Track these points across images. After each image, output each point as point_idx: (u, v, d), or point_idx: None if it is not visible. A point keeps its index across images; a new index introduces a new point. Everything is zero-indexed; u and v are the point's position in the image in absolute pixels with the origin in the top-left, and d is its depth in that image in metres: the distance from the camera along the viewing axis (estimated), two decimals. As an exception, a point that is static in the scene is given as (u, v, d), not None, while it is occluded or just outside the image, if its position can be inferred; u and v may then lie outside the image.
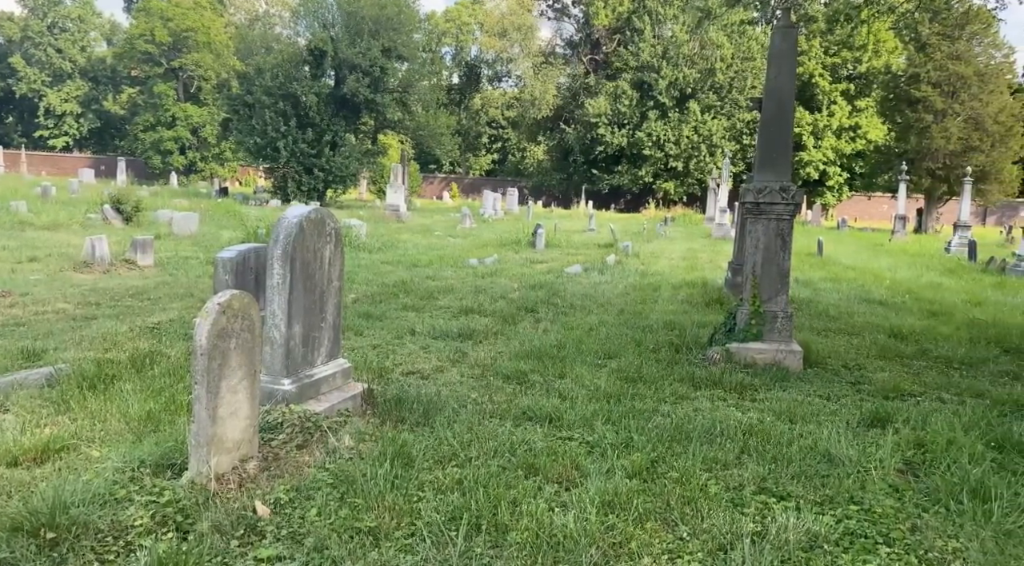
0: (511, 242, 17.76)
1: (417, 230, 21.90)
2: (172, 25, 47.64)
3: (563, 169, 51.31)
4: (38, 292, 8.42)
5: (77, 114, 60.98)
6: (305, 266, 4.23)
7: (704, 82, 46.09)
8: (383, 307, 8.49)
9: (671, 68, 45.99)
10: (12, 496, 3.20)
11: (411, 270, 12.48)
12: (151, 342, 6.23)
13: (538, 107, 50.61)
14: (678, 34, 45.66)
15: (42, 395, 4.74)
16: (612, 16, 48.99)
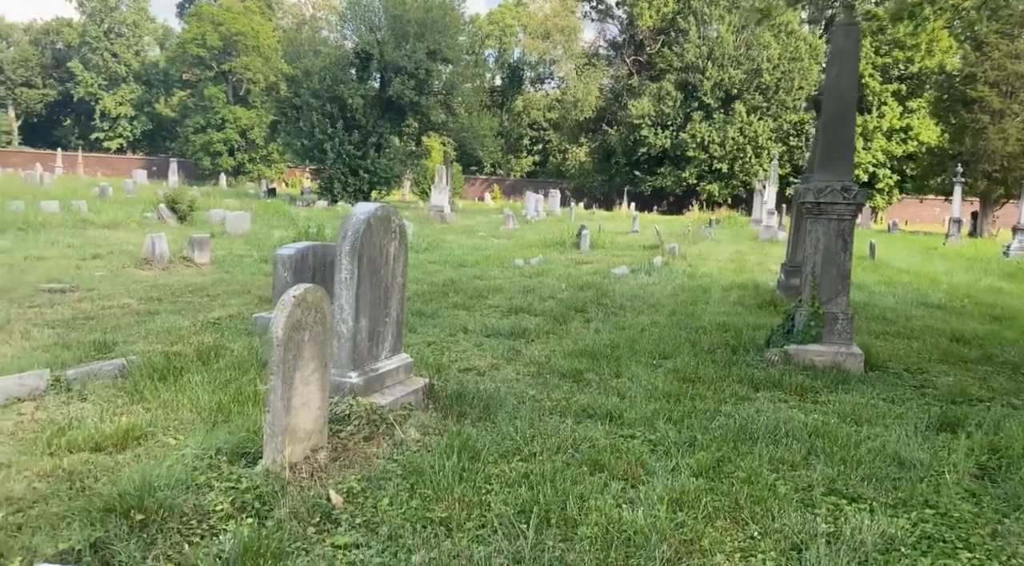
0: (555, 243, 17.77)
1: (461, 231, 22.04)
2: (223, 29, 48.73)
3: (605, 171, 51.09)
4: (103, 288, 8.70)
5: (131, 117, 62.73)
6: (371, 262, 4.30)
7: (750, 83, 45.45)
8: (434, 305, 8.58)
9: (716, 69, 45.48)
10: (99, 479, 3.33)
11: (458, 270, 12.58)
12: (214, 336, 6.39)
13: (580, 108, 50.49)
14: (724, 34, 45.13)
15: (116, 385, 4.90)
16: (656, 17, 48.64)
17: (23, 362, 5.32)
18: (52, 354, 5.57)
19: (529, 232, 22.52)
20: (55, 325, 6.65)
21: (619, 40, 54.15)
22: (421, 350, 6.24)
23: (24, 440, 3.90)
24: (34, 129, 66.26)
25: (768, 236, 22.40)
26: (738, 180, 46.55)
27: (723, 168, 45.84)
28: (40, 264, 10.40)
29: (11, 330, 6.30)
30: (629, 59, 52.07)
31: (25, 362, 5.31)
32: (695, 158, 45.84)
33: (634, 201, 45.81)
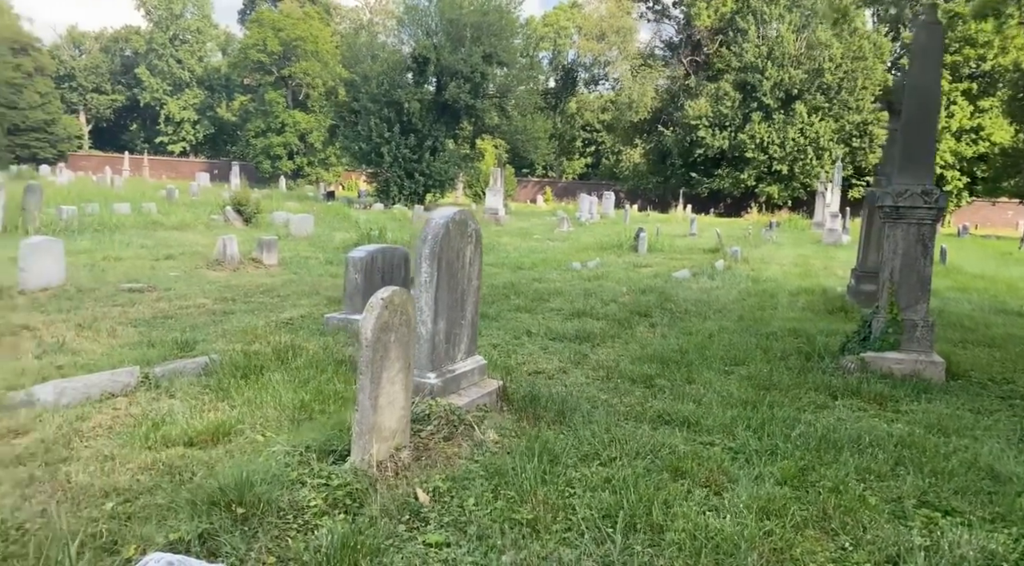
0: (612, 246, 17.67)
1: (516, 233, 22.10)
2: (283, 35, 49.86)
3: (660, 172, 50.58)
4: (179, 288, 9.01)
5: (194, 121, 64.69)
6: (449, 265, 4.37)
7: (811, 83, 44.42)
8: (496, 308, 8.63)
9: (776, 68, 44.59)
10: (196, 473, 3.46)
11: (516, 272, 12.63)
12: (289, 336, 6.56)
13: (635, 110, 50.08)
14: (784, 34, 44.23)
15: (200, 382, 5.09)
16: (715, 16, 47.96)
17: (113, 359, 5.56)
18: (139, 352, 5.80)
19: (584, 235, 22.46)
20: (137, 323, 6.92)
21: (675, 40, 53.56)
22: (488, 352, 6.29)
23: (121, 434, 4.08)
24: (103, 133, 68.93)
25: (832, 240, 21.86)
26: (798, 182, 45.55)
27: (783, 170, 44.91)
28: (118, 264, 10.84)
29: (98, 328, 6.58)
30: (686, 59, 51.46)
31: (115, 359, 5.54)
32: (754, 159, 45.02)
33: (690, 203, 45.23)
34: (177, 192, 27.37)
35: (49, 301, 7.49)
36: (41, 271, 7.62)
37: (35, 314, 6.85)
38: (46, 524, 2.90)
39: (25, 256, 7.50)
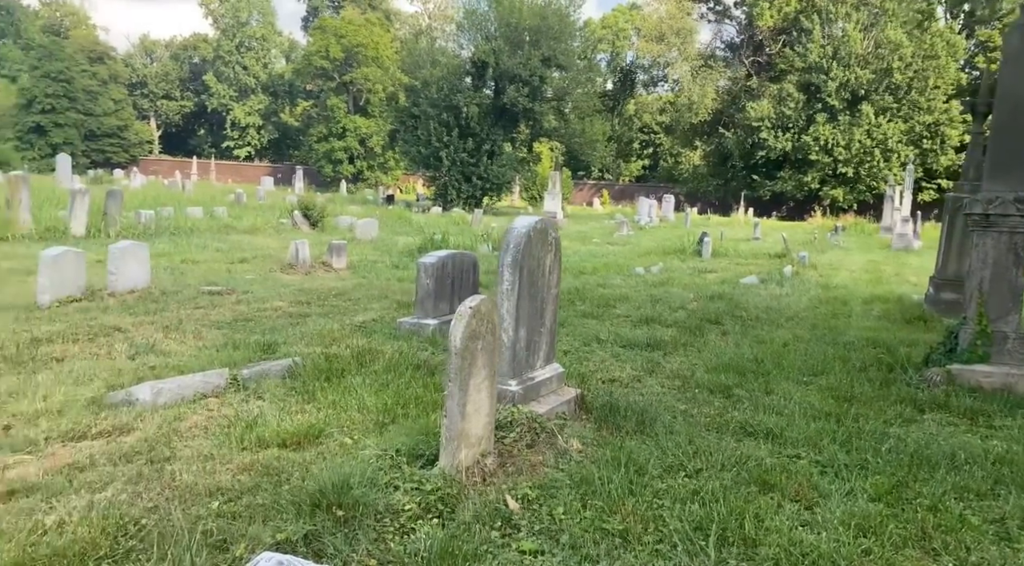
0: (675, 250, 17.49)
1: (575, 237, 22.06)
2: (345, 41, 50.88)
3: (720, 175, 49.81)
4: (256, 291, 9.30)
5: (258, 126, 66.55)
6: (530, 273, 4.42)
7: (879, 83, 43.11)
8: (563, 314, 8.63)
9: (842, 69, 43.42)
10: (292, 475, 3.58)
11: (579, 277, 12.62)
12: (364, 340, 6.71)
13: (695, 111, 49.46)
14: (850, 33, 43.04)
15: (285, 384, 5.25)
16: (778, 16, 47.00)
17: (201, 361, 5.78)
18: (224, 354, 6.02)
19: (644, 238, 22.29)
20: (220, 326, 7.18)
21: (736, 41, 52.70)
22: (560, 359, 6.31)
23: (217, 434, 4.25)
24: (172, 138, 71.48)
25: (902, 245, 21.18)
26: (864, 185, 44.29)
27: (848, 172, 43.71)
28: (195, 267, 11.24)
29: (184, 330, 6.85)
30: (747, 60, 50.56)
31: (204, 361, 5.76)
32: (818, 162, 43.93)
33: (751, 206, 44.42)
34: (245, 196, 28.23)
35: (136, 303, 7.82)
36: (128, 274, 7.97)
37: (125, 316, 7.17)
38: (160, 520, 3.05)
39: (113, 260, 7.85)
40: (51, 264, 7.16)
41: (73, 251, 7.52)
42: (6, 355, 5.56)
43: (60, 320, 6.77)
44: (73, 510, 3.13)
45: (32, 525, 2.94)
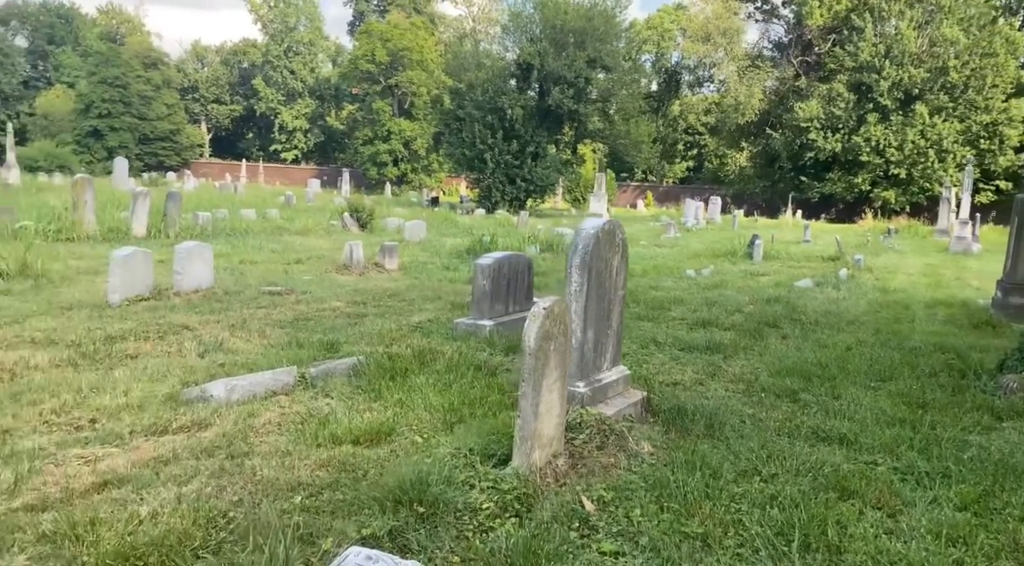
0: (725, 253, 17.27)
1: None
2: (390, 45, 51.42)
3: (767, 176, 49.02)
4: (314, 291, 9.45)
5: (305, 129, 67.68)
6: (598, 275, 4.42)
7: (934, 82, 41.98)
8: (619, 316, 8.61)
9: (895, 67, 42.39)
10: (368, 471, 3.64)
11: (630, 279, 12.51)
12: (424, 340, 6.78)
13: (742, 112, 48.75)
14: (904, 31, 41.99)
15: (351, 383, 5.33)
16: (828, 15, 46.07)
17: (268, 359, 5.90)
18: (290, 352, 6.13)
19: (692, 241, 22.06)
20: (283, 325, 7.32)
21: (785, 40, 51.83)
22: (619, 361, 6.30)
23: (290, 430, 4.34)
24: (221, 141, 73.15)
25: (960, 248, 20.58)
26: (917, 187, 43.14)
27: (900, 174, 42.61)
28: (253, 267, 11.48)
29: (249, 328, 7.00)
30: (796, 60, 49.69)
31: (271, 359, 5.88)
32: (869, 163, 42.93)
33: (800, 208, 43.62)
34: (294, 198, 28.75)
35: (201, 302, 8.03)
36: (193, 274, 8.19)
37: (192, 315, 7.37)
38: (247, 513, 3.13)
39: (179, 260, 8.07)
40: (121, 264, 7.39)
41: (141, 251, 7.75)
42: (84, 352, 5.76)
43: (131, 318, 6.98)
44: (164, 502, 3.23)
45: (128, 515, 3.05)
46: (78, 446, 3.91)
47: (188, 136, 61.23)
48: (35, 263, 8.51)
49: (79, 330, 6.38)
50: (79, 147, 50.28)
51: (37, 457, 3.70)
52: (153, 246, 12.80)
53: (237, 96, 70.84)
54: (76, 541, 2.84)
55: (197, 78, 69.77)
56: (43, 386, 4.91)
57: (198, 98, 69.08)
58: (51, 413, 4.41)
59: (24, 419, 4.29)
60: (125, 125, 52.43)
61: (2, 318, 6.63)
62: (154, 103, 55.43)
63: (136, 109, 53.41)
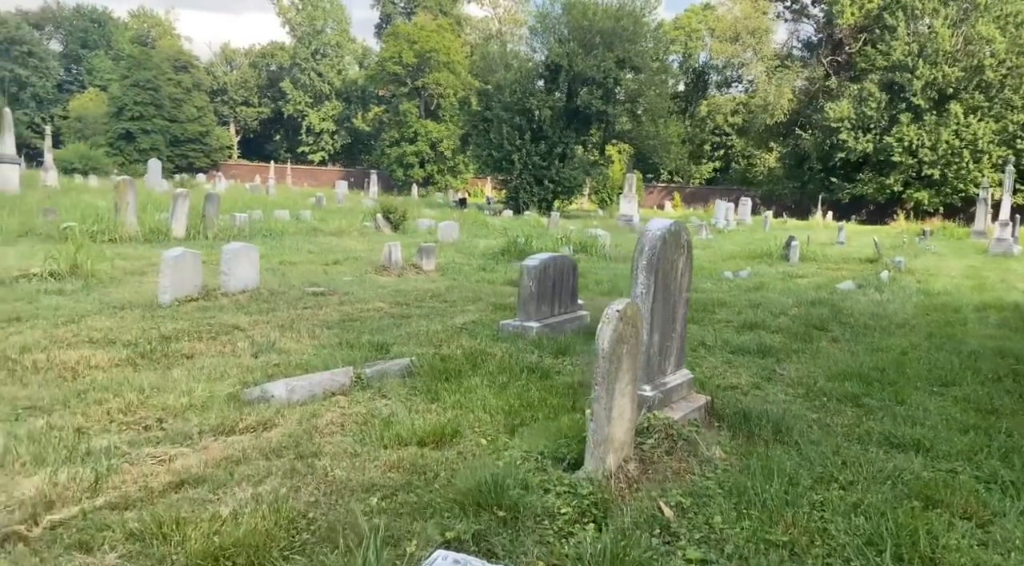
0: (760, 254, 17.10)
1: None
2: (417, 47, 51.64)
3: (797, 177, 48.49)
4: (356, 292, 9.48)
5: (332, 131, 68.23)
6: (664, 276, 4.36)
7: (969, 81, 41.27)
8: (663, 318, 8.54)
9: (928, 67, 41.73)
10: (438, 473, 3.62)
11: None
12: (472, 341, 6.75)
13: (771, 112, 48.28)
14: (938, 29, 41.31)
15: (406, 384, 5.33)
16: (859, 14, 45.49)
17: (321, 359, 5.91)
18: (342, 353, 6.14)
19: (725, 242, 21.87)
20: (330, 325, 7.34)
21: (814, 40, 51.29)
22: (670, 363, 6.24)
23: (353, 431, 4.34)
24: (249, 143, 74.02)
25: (1000, 250, 20.17)
26: (951, 188, 42.40)
27: (934, 174, 41.92)
28: (292, 268, 11.56)
29: (298, 329, 7.03)
30: (826, 59, 49.12)
31: (323, 359, 5.89)
32: (901, 164, 42.30)
33: (830, 209, 43.11)
34: (324, 199, 28.97)
35: (248, 303, 8.08)
36: (239, 275, 8.25)
37: (241, 315, 7.42)
38: (326, 515, 3.12)
39: (226, 261, 8.14)
40: (172, 265, 7.46)
41: (191, 253, 7.83)
42: (142, 351, 5.82)
43: (183, 318, 7.05)
44: (241, 502, 3.24)
45: (210, 515, 3.05)
46: (150, 445, 3.94)
47: (217, 138, 61.98)
48: (85, 264, 8.63)
49: (134, 330, 6.45)
50: (112, 149, 51.09)
51: (112, 456, 3.73)
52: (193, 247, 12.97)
53: (265, 98, 71.63)
54: (163, 540, 2.85)
55: (226, 81, 70.63)
56: (106, 385, 4.97)
57: (227, 100, 69.93)
58: (118, 412, 4.44)
59: (94, 418, 4.33)
60: (156, 127, 53.21)
61: (59, 317, 6.72)
62: (184, 106, 56.19)
63: (167, 111, 54.19)
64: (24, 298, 7.43)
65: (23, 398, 4.61)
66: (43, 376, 5.12)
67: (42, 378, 5.08)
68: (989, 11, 41.45)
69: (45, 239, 11.65)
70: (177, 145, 56.05)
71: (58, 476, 3.40)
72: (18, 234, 11.93)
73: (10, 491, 3.30)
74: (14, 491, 3.29)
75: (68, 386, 4.94)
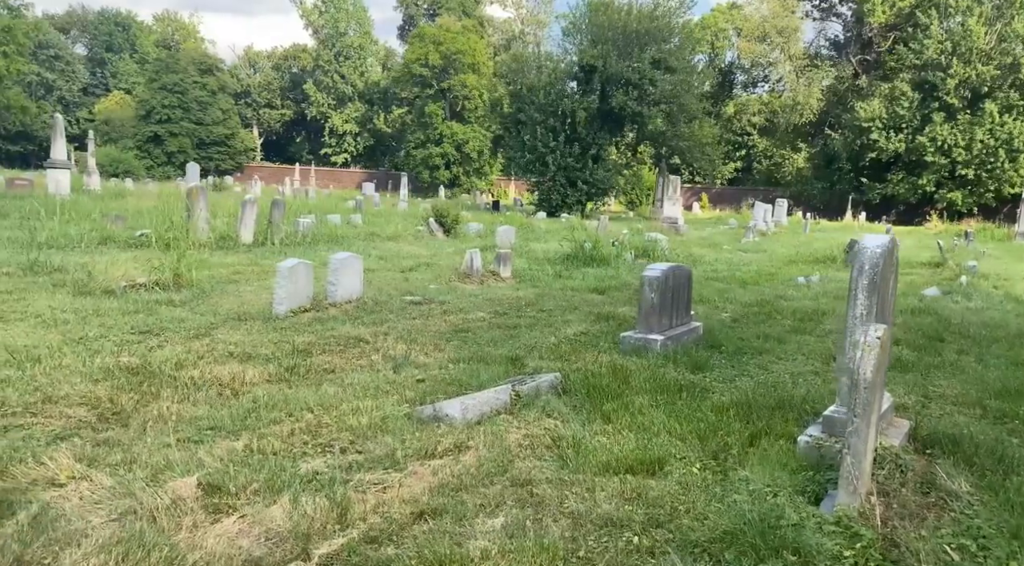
0: (821, 259, 16.82)
1: (702, 243, 21.56)
2: (443, 49, 51.60)
3: (826, 177, 48.05)
4: (451, 301, 9.32)
5: (355, 133, 68.21)
6: (881, 296, 4.18)
7: (1004, 79, 40.76)
8: (771, 329, 8.35)
9: (962, 65, 41.25)
10: (675, 507, 3.45)
11: (745, 287, 12.26)
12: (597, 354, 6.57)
13: (800, 112, 47.89)
14: (973, 27, 40.82)
15: (564, 402, 5.18)
16: (890, 12, 45.04)
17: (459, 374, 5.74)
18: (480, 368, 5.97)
19: (774, 245, 21.61)
20: (446, 336, 7.19)
21: (842, 39, 50.85)
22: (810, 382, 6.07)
23: (546, 456, 4.19)
24: (271, 145, 74.22)
25: (1060, 253, 19.80)
26: (985, 188, 41.88)
27: (968, 174, 41.42)
28: (373, 276, 11.40)
29: (421, 341, 6.89)
30: (855, 58, 48.68)
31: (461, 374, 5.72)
32: (934, 163, 41.82)
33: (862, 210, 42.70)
34: (363, 203, 28.88)
35: (357, 313, 7.95)
36: (346, 285, 8.13)
37: (357, 326, 7.29)
38: (600, 553, 2.96)
39: (334, 271, 8.01)
40: (287, 276, 7.35)
41: (303, 263, 7.71)
42: (286, 366, 5.69)
43: (305, 331, 6.92)
44: (492, 535, 3.09)
45: (479, 552, 2.90)
46: (361, 471, 3.80)
47: (242, 140, 62.13)
48: (188, 273, 8.53)
49: (266, 343, 6.33)
50: (140, 152, 51.30)
51: (321, 482, 3.59)
52: (264, 253, 12.89)
53: (288, 100, 71.78)
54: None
55: (249, 83, 70.83)
56: (271, 403, 4.84)
57: (250, 103, 70.13)
58: (303, 433, 4.31)
59: (281, 439, 4.20)
60: (184, 130, 53.40)
61: (186, 330, 6.62)
62: (210, 108, 56.38)
63: (194, 114, 54.36)
64: (143, 309, 7.33)
65: (203, 419, 4.49)
66: (204, 393, 5.01)
67: (205, 396, 4.96)
68: (1024, 9, 40.95)
69: (124, 247, 11.59)
70: (203, 147, 56.23)
71: (302, 505, 3.26)
72: (98, 242, 11.87)
73: (261, 520, 3.16)
74: (265, 521, 3.16)
75: (235, 404, 4.82)
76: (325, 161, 67.86)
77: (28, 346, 5.71)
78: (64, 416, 4.39)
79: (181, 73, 53.47)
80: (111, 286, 8.05)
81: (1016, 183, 41.04)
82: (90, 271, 8.88)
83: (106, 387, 4.88)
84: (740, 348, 7.11)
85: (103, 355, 5.59)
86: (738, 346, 7.20)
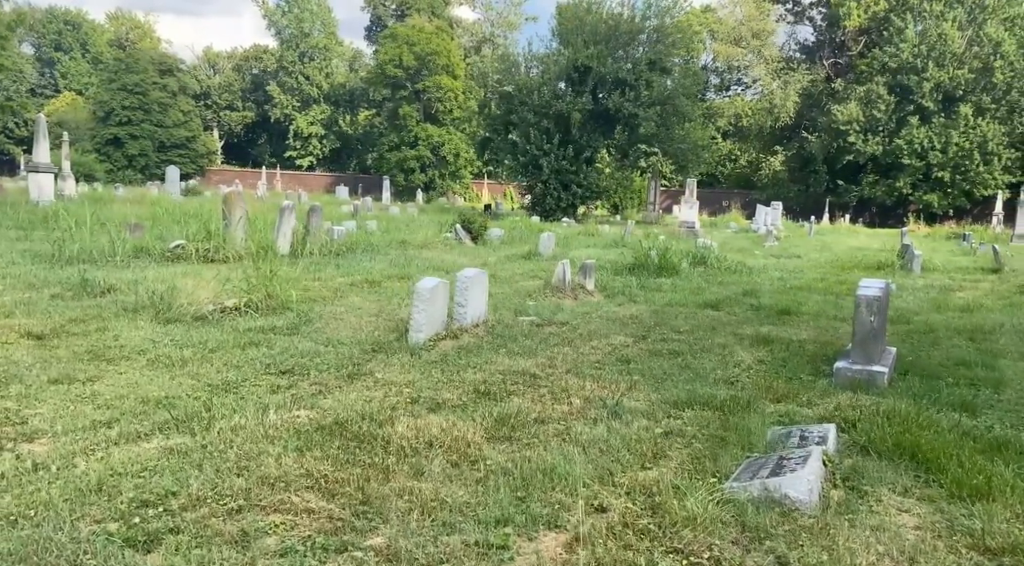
0: (873, 265, 16.27)
1: (731, 248, 20.86)
2: (417, 49, 50.22)
3: (801, 180, 48.27)
4: (571, 322, 8.27)
5: (320, 136, 66.13)
6: None
7: (977, 83, 41.49)
8: (946, 351, 7.60)
9: (936, 68, 41.85)
10: None
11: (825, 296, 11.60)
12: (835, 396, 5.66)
13: (776, 115, 48.04)
14: (948, 31, 41.45)
15: (882, 479, 4.27)
16: (865, 16, 45.50)
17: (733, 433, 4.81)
18: (705, 414, 5.05)
19: (799, 250, 21.13)
20: (619, 369, 6.20)
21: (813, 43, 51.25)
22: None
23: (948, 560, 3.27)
24: (232, 148, 71.51)
25: (1086, 255, 19.77)
26: (959, 190, 42.51)
27: (943, 177, 41.99)
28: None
29: (595, 376, 5.89)
30: (828, 62, 49.09)
31: (725, 431, 4.79)
32: (909, 166, 42.28)
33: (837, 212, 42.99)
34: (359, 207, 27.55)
35: (492, 338, 6.90)
36: (475, 306, 7.06)
37: (510, 358, 6.24)
38: None
39: (462, 290, 6.94)
40: (427, 299, 6.26)
41: (443, 282, 6.62)
42: (494, 417, 4.62)
43: (461, 365, 5.84)
44: None
45: None
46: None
47: (204, 143, 59.65)
48: (284, 293, 7.32)
49: (433, 383, 5.26)
50: (99, 155, 48.64)
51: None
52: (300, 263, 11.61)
53: (249, 102, 69.27)
54: None
55: (209, 84, 68.15)
56: (517, 475, 3.77)
57: (210, 105, 67.46)
58: (617, 526, 3.28)
59: (601, 534, 3.17)
60: (144, 133, 50.89)
61: (328, 367, 5.48)
62: (171, 110, 53.91)
63: (155, 116, 51.87)
64: (257, 341, 6.13)
65: (471, 506, 3.41)
66: (435, 462, 3.90)
67: (440, 468, 3.86)
68: (997, 13, 41.75)
69: (161, 260, 10.25)
70: (164, 150, 53.66)
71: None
72: (132, 255, 10.46)
73: None
74: None
75: (484, 479, 3.74)
76: (290, 164, 65.59)
77: (171, 398, 4.53)
78: (302, 511, 3.26)
79: (141, 73, 50.91)
80: (201, 311, 6.79)
81: (991, 185, 41.76)
82: (154, 291, 7.57)
83: (318, 459, 3.77)
84: (957, 378, 6.30)
85: (274, 409, 4.44)
86: (954, 375, 6.40)
